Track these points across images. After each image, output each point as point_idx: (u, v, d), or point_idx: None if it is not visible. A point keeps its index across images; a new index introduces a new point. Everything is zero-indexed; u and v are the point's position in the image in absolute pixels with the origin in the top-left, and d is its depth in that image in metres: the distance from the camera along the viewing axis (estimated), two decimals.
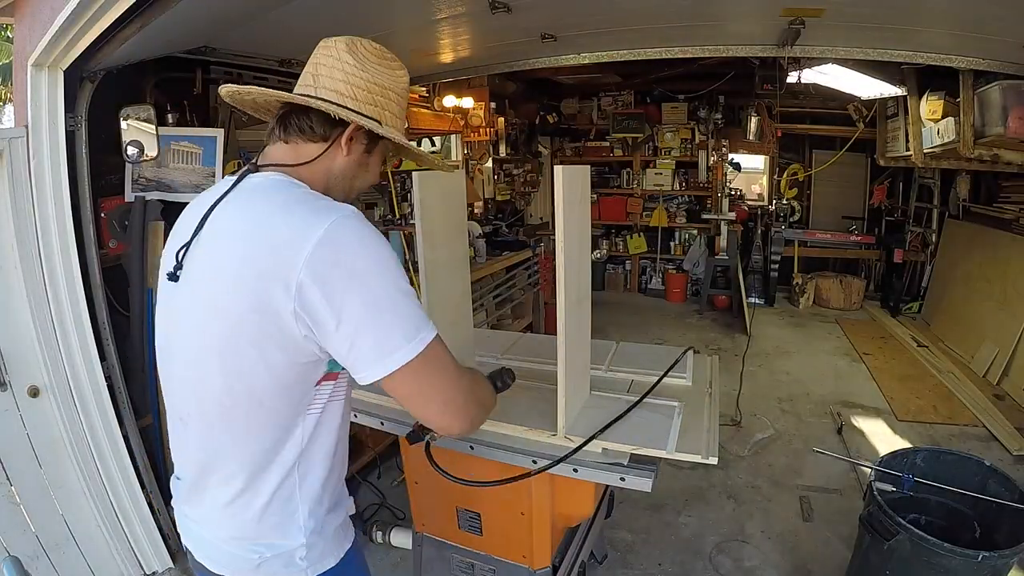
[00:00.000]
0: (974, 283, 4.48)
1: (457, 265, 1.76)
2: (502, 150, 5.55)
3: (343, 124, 0.93)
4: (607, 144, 6.52)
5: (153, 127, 2.14)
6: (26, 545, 1.94)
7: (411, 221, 3.62)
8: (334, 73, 0.93)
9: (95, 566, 2.11)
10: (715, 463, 1.24)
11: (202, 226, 0.88)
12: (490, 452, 1.39)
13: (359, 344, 0.82)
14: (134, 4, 1.48)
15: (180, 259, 0.89)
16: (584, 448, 1.30)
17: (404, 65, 1.00)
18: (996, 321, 4.00)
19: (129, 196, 2.32)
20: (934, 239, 5.33)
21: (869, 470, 1.92)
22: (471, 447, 1.40)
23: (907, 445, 2.44)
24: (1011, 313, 3.85)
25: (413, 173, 1.47)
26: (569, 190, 1.29)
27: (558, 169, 1.26)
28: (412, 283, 0.89)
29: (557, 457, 1.29)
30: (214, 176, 2.47)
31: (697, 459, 1.24)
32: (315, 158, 0.93)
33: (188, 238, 0.89)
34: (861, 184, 6.07)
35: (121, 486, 2.14)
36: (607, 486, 1.88)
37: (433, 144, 4.69)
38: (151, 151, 2.15)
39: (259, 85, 0.98)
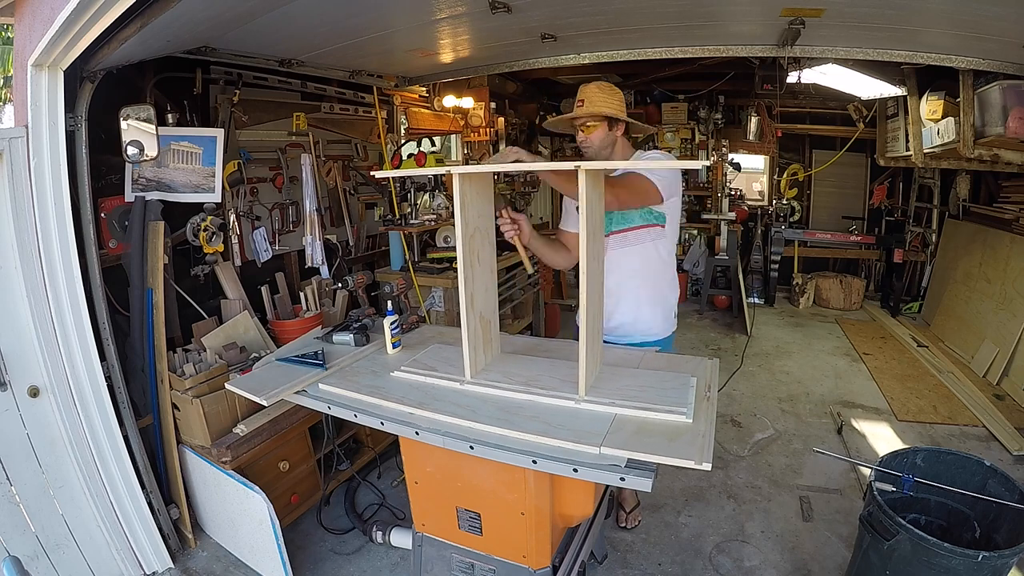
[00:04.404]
0: (974, 283, 4.48)
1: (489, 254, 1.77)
2: (501, 148, 5.54)
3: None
4: None
5: (153, 127, 2.14)
6: (26, 545, 1.94)
7: (411, 221, 3.62)
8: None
9: (95, 566, 2.11)
10: (708, 468, 1.21)
11: None
12: (490, 452, 1.39)
13: None
14: (134, 4, 1.47)
15: None
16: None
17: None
18: (996, 321, 4.00)
19: (129, 196, 2.32)
20: (934, 239, 5.33)
21: (869, 470, 1.92)
22: (471, 447, 1.40)
23: (907, 445, 2.43)
24: (1011, 313, 3.85)
25: (454, 175, 1.49)
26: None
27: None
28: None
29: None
30: (214, 176, 2.47)
31: (690, 464, 1.22)
32: None
33: None
34: (861, 184, 6.07)
35: (121, 486, 2.15)
36: (607, 486, 1.89)
37: (433, 144, 4.69)
38: (151, 151, 2.15)
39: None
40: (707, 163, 4.12)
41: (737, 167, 5.63)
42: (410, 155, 3.88)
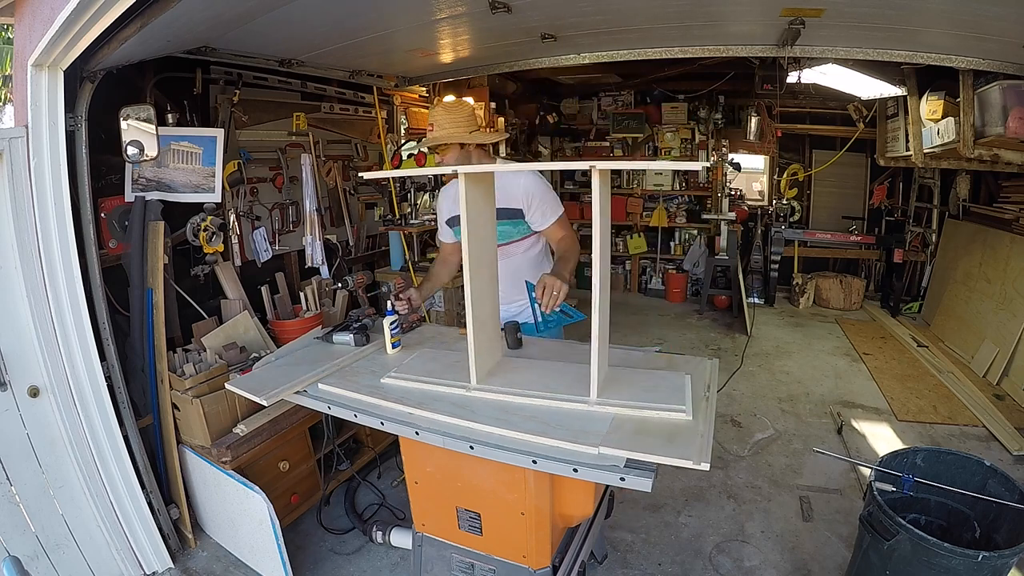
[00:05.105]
0: (974, 283, 4.47)
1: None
2: (502, 150, 5.54)
3: None
4: (607, 144, 6.51)
5: (153, 127, 2.14)
6: (26, 545, 1.94)
7: (411, 221, 3.62)
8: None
9: (95, 566, 2.11)
10: (707, 468, 1.21)
11: None
12: (490, 452, 1.39)
13: None
14: (134, 4, 1.48)
15: None
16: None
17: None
18: (996, 321, 4.00)
19: (129, 196, 2.32)
20: (934, 239, 5.33)
21: (869, 470, 1.92)
22: (471, 447, 1.40)
23: (907, 445, 2.44)
24: (1011, 313, 3.85)
25: (460, 173, 1.49)
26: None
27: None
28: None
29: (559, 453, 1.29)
30: (214, 176, 2.47)
31: (688, 464, 1.21)
32: None
33: None
34: (861, 184, 6.06)
35: (121, 486, 2.15)
36: (607, 486, 1.89)
37: None
38: (151, 151, 2.15)
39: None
40: (707, 164, 4.09)
41: (737, 167, 5.63)
42: (410, 155, 3.88)
